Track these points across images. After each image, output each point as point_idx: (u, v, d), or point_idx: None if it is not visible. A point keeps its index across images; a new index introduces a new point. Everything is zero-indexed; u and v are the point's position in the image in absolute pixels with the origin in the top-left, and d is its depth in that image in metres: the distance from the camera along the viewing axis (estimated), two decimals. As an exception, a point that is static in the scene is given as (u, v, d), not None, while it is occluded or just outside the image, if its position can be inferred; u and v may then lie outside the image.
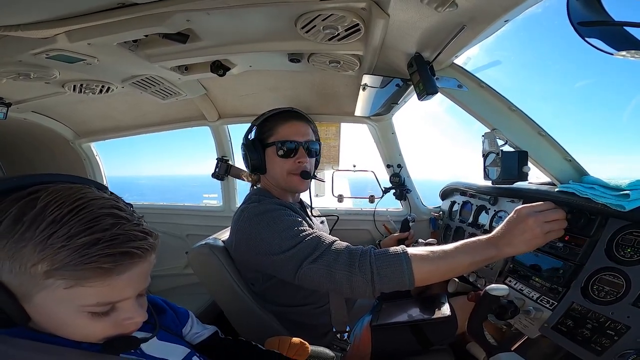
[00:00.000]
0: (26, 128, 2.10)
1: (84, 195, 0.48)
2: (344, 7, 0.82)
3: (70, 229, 0.43)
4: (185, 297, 1.96)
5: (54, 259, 0.42)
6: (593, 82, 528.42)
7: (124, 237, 0.46)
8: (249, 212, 1.04)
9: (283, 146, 1.14)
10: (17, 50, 1.03)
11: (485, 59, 1.10)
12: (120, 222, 0.47)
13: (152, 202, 2.38)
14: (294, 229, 0.96)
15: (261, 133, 1.18)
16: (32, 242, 0.42)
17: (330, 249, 0.91)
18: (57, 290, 0.44)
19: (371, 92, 1.29)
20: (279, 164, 1.15)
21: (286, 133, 1.15)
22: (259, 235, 0.98)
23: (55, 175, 0.51)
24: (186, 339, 0.76)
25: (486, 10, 0.71)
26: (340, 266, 0.86)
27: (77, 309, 0.46)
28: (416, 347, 1.18)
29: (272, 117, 1.19)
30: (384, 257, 0.85)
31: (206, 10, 0.83)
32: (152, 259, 0.52)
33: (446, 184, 1.79)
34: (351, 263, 0.86)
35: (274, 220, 0.99)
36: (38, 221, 0.43)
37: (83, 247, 0.43)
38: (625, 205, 0.77)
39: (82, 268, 0.43)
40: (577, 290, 0.84)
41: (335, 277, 0.86)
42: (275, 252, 0.94)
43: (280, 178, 1.16)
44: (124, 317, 0.50)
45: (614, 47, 0.57)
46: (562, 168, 1.05)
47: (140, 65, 1.22)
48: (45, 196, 0.45)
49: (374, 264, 0.84)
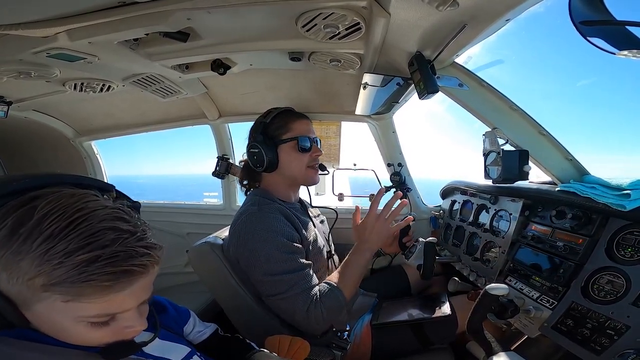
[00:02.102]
0: (27, 126, 2.10)
1: (84, 205, 0.45)
2: (344, 6, 0.81)
3: (69, 244, 0.41)
4: (186, 295, 1.97)
5: (51, 274, 0.41)
6: (595, 81, 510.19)
7: (124, 254, 0.44)
8: (246, 217, 1.07)
9: (302, 141, 1.19)
10: (17, 48, 1.03)
11: (486, 57, 1.09)
12: (122, 237, 0.45)
13: (152, 201, 2.38)
14: (283, 255, 1.03)
15: (272, 131, 1.20)
16: (29, 255, 0.41)
17: (305, 293, 1.01)
18: (55, 302, 0.43)
19: (372, 90, 1.29)
20: (299, 158, 1.20)
21: (302, 129, 1.21)
22: (250, 244, 1.03)
23: (59, 176, 0.49)
24: (188, 338, 0.77)
25: (487, 9, 0.70)
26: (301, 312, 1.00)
27: (75, 319, 0.45)
28: (416, 346, 1.19)
29: (280, 115, 1.22)
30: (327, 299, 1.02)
31: (207, 8, 0.83)
32: (155, 271, 0.50)
33: (447, 183, 1.79)
34: (308, 311, 0.99)
35: (268, 237, 1.03)
36: (35, 234, 0.41)
37: (81, 265, 0.41)
38: (626, 205, 0.77)
39: (79, 285, 0.41)
40: (577, 290, 0.84)
41: (296, 318, 1.01)
42: (257, 267, 1.03)
43: (299, 173, 1.22)
44: (124, 325, 0.49)
45: (615, 47, 0.57)
46: (562, 167, 1.05)
47: (140, 64, 1.22)
48: (44, 205, 0.43)
49: (323, 309, 1.00)
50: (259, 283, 1.05)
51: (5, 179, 0.45)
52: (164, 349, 0.62)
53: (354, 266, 1.11)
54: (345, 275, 1.09)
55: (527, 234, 1.08)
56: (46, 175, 0.48)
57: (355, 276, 1.10)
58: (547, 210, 1.04)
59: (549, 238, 0.99)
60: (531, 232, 1.07)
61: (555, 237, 0.97)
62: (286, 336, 0.90)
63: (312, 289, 1.03)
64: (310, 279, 1.05)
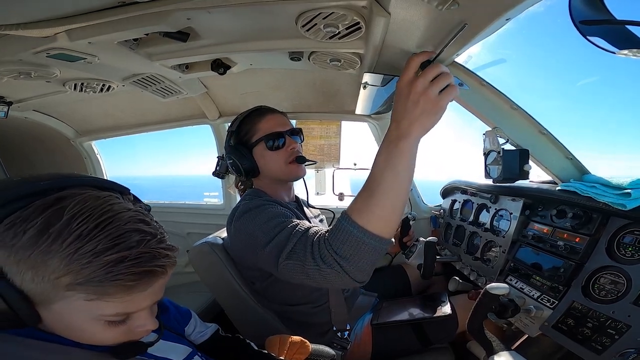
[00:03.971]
0: (27, 127, 2.10)
1: (110, 207, 0.47)
2: (344, 6, 0.81)
3: (97, 244, 0.43)
4: (186, 296, 1.97)
5: (79, 273, 0.42)
6: (596, 80, 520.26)
7: (149, 255, 0.46)
8: (240, 210, 1.04)
9: (271, 139, 1.12)
10: (17, 49, 1.03)
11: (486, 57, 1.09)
12: (146, 238, 0.47)
13: (153, 201, 2.38)
14: (275, 220, 0.91)
15: (242, 136, 1.16)
16: (58, 254, 0.42)
17: (300, 240, 0.81)
18: (77, 301, 0.44)
19: (372, 90, 1.29)
20: (273, 157, 1.13)
21: (268, 126, 1.14)
22: (246, 230, 0.97)
23: (82, 179, 0.50)
24: (189, 338, 0.77)
25: (488, 8, 0.70)
26: (310, 261, 0.76)
27: (94, 318, 0.46)
28: (417, 346, 1.19)
29: (246, 118, 1.18)
30: (336, 233, 0.73)
31: (207, 8, 0.83)
32: (171, 272, 0.51)
33: (447, 182, 1.79)
34: (314, 256, 0.76)
35: (258, 213, 0.97)
36: (65, 234, 0.43)
37: (109, 265, 0.43)
38: (627, 204, 0.77)
39: (106, 285, 0.43)
40: (578, 289, 0.84)
41: (309, 273, 0.76)
42: (260, 245, 0.90)
43: (279, 171, 1.15)
44: (137, 324, 0.50)
45: (616, 46, 0.57)
46: (563, 166, 1.05)
47: (140, 64, 1.22)
48: (72, 206, 0.44)
49: (331, 248, 0.73)
50: (265, 257, 0.88)
51: (31, 178, 0.46)
52: (166, 349, 0.62)
53: (381, 169, 0.70)
54: (366, 189, 0.72)
55: (528, 233, 1.08)
56: (68, 176, 0.49)
57: (383, 187, 0.70)
58: (548, 210, 1.04)
59: (549, 237, 0.99)
60: (532, 232, 1.07)
61: (556, 237, 0.97)
62: (287, 336, 0.90)
63: (311, 229, 0.84)
64: (309, 226, 0.86)
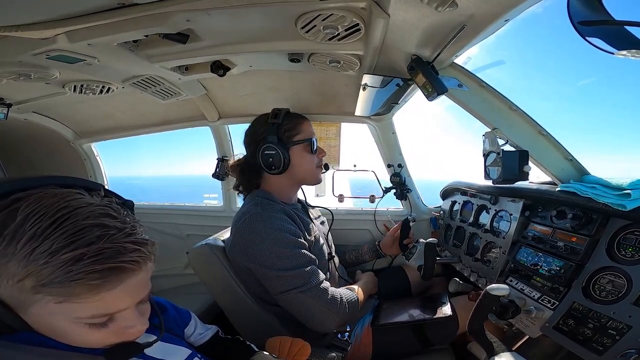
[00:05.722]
0: (27, 128, 2.09)
1: (68, 203, 0.44)
2: (344, 7, 0.82)
3: (53, 243, 0.40)
4: (186, 297, 1.96)
5: (39, 274, 0.40)
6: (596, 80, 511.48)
7: (111, 250, 0.43)
8: (250, 218, 1.06)
9: (312, 143, 1.22)
10: (17, 50, 1.03)
11: (485, 58, 1.10)
12: (108, 233, 0.43)
13: (152, 202, 2.37)
14: (293, 251, 1.04)
15: (282, 132, 1.20)
16: (15, 257, 0.40)
17: (319, 287, 1.05)
18: (49, 304, 0.42)
19: (371, 91, 1.29)
20: (310, 159, 1.23)
21: (310, 131, 1.25)
22: (257, 244, 1.02)
23: (43, 179, 0.48)
24: (189, 340, 0.76)
25: (486, 9, 0.70)
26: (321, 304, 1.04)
27: (72, 321, 0.44)
28: (417, 347, 1.18)
29: (288, 116, 1.23)
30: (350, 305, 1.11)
31: (206, 10, 0.83)
32: (148, 267, 0.48)
33: (447, 184, 1.79)
34: (330, 305, 1.04)
35: (274, 233, 1.03)
36: (19, 235, 0.40)
37: (67, 264, 0.40)
38: (627, 205, 0.77)
39: (68, 285, 0.41)
40: (579, 290, 0.84)
41: (312, 312, 1.04)
42: (268, 266, 1.02)
43: (311, 172, 1.25)
44: (124, 325, 0.48)
45: (614, 47, 0.57)
46: (562, 167, 1.05)
47: (140, 66, 1.22)
48: (26, 206, 0.42)
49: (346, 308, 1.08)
50: (272, 279, 1.04)
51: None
52: (165, 351, 0.61)
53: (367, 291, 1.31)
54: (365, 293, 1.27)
55: (528, 234, 1.08)
56: (30, 178, 0.47)
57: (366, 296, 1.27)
58: (548, 211, 1.04)
59: (549, 238, 0.99)
60: (532, 233, 1.07)
61: (556, 237, 0.97)
62: (287, 338, 0.90)
63: (323, 282, 1.07)
64: (319, 273, 1.08)
